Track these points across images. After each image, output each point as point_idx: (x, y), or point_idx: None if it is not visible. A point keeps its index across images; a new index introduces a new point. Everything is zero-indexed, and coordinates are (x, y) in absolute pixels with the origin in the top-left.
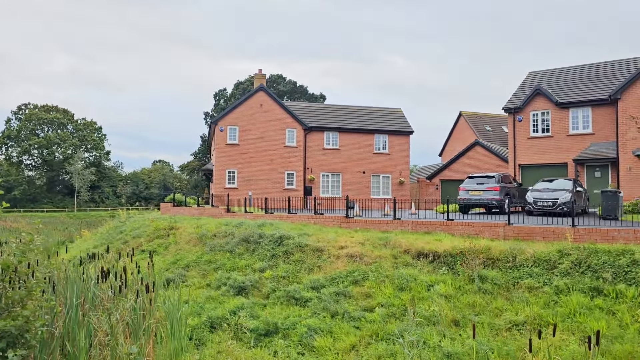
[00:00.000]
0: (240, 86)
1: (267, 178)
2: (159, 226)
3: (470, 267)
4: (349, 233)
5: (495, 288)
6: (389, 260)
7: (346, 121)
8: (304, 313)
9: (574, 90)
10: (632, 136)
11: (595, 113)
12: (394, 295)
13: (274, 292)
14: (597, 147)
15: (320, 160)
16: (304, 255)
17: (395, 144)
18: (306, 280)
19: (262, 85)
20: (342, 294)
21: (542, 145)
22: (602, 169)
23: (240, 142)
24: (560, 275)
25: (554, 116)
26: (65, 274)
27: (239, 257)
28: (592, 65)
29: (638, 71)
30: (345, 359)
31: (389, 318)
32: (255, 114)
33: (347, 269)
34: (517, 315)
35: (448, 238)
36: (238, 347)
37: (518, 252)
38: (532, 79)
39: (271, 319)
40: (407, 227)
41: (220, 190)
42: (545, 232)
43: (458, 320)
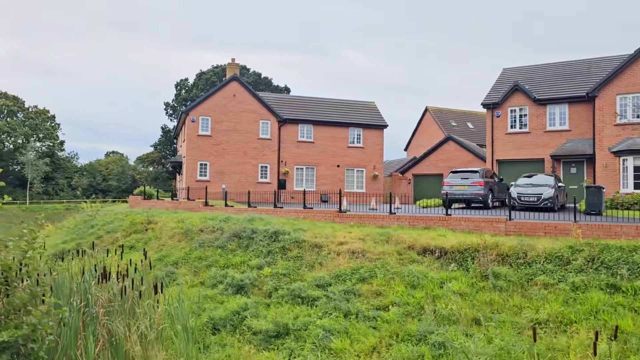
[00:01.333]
0: (203, 76)
1: (240, 171)
2: (135, 220)
3: (482, 263)
4: (345, 228)
5: (510, 285)
6: (394, 256)
7: (321, 114)
8: (313, 313)
9: (550, 87)
10: (608, 133)
11: (571, 110)
12: (407, 294)
13: (276, 291)
14: (574, 144)
15: (295, 153)
16: (302, 252)
17: (370, 138)
18: (309, 278)
19: (236, 75)
20: (351, 292)
21: (520, 141)
22: (577, 165)
23: (212, 134)
24: (575, 271)
25: (531, 112)
26: (54, 273)
27: (232, 253)
28: (568, 63)
29: (615, 70)
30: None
31: (405, 317)
32: (229, 105)
33: (351, 266)
34: (537, 314)
35: (451, 234)
36: (248, 350)
37: (528, 248)
38: (507, 75)
39: (281, 320)
40: (405, 222)
41: (192, 182)
42: (548, 227)
43: (478, 319)
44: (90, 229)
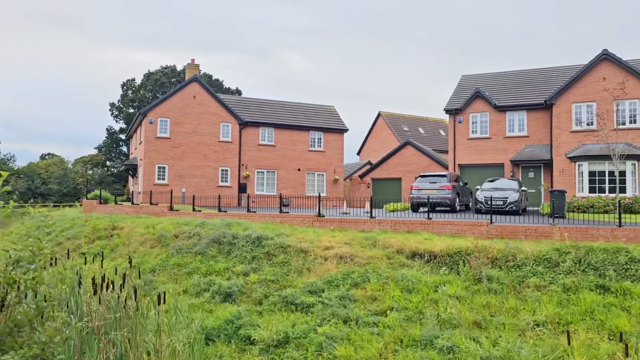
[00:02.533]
0: (152, 77)
1: (200, 174)
2: (97, 226)
3: (475, 267)
4: (328, 233)
5: (503, 288)
6: (383, 261)
7: (282, 117)
8: (310, 320)
9: (509, 94)
10: (564, 139)
11: (529, 117)
12: (404, 298)
13: (266, 298)
14: (532, 149)
15: (256, 156)
16: (288, 257)
17: (330, 142)
18: (300, 284)
19: (196, 76)
20: (346, 297)
21: (481, 146)
22: (535, 169)
23: (172, 136)
24: (564, 273)
25: (491, 119)
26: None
27: (213, 259)
28: (526, 71)
29: (571, 79)
30: None
31: (406, 322)
32: (188, 106)
33: (341, 271)
34: (534, 315)
35: (437, 238)
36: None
37: (516, 251)
38: (466, 82)
39: (281, 328)
40: (386, 226)
41: (150, 186)
42: (528, 230)
43: (479, 322)
44: (47, 235)
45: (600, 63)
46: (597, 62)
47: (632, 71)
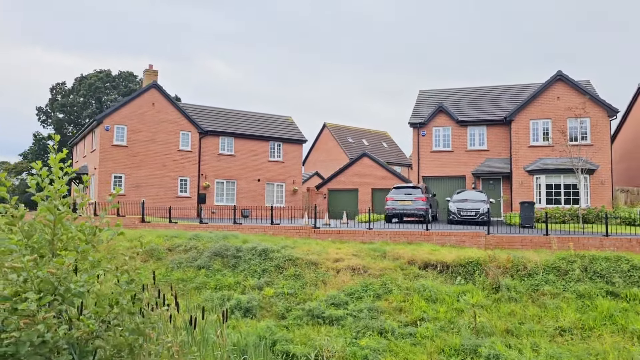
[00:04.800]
0: (85, 81)
1: (159, 184)
2: None
3: (491, 276)
4: (331, 245)
5: (521, 296)
6: (397, 272)
7: (241, 127)
8: (344, 333)
9: (469, 110)
10: (523, 154)
11: (489, 132)
12: (430, 308)
13: (289, 312)
14: (491, 162)
15: (215, 166)
16: (299, 270)
17: (289, 152)
18: (320, 296)
19: (155, 82)
20: (373, 309)
21: (444, 159)
22: (495, 181)
23: (129, 144)
24: (574, 281)
25: (454, 133)
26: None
27: (219, 273)
28: (484, 88)
29: (528, 97)
30: None
31: (440, 332)
32: (147, 114)
33: (358, 283)
34: (558, 322)
35: (445, 249)
36: None
37: (525, 261)
38: (424, 97)
39: (318, 343)
40: (386, 237)
41: (105, 197)
42: (524, 240)
43: (510, 330)
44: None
45: (555, 83)
46: (552, 82)
47: (583, 92)
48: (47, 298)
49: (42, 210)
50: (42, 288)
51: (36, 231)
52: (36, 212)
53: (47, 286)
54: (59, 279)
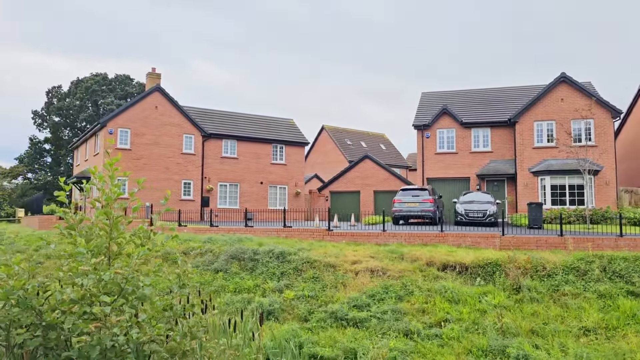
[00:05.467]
0: (82, 84)
1: (163, 187)
2: None
3: (512, 277)
4: (348, 247)
5: (543, 296)
6: (417, 274)
7: (244, 129)
8: (369, 335)
9: (473, 111)
10: (527, 155)
11: (493, 133)
12: (453, 309)
13: (311, 314)
14: (496, 164)
15: (218, 169)
16: (317, 272)
17: (292, 155)
18: (342, 299)
19: (159, 86)
20: (396, 311)
21: (448, 161)
22: (499, 183)
23: (132, 147)
24: (594, 281)
25: (458, 135)
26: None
27: (237, 276)
28: (488, 89)
29: (532, 99)
30: None
31: (466, 332)
32: (150, 117)
33: (378, 285)
34: (581, 321)
35: (461, 250)
36: None
37: (544, 262)
38: (427, 99)
39: (346, 345)
40: (400, 239)
41: None
42: (539, 241)
43: (535, 330)
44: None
45: (558, 85)
46: (556, 84)
47: (588, 93)
48: (119, 301)
49: (100, 214)
50: (108, 290)
51: (94, 236)
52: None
53: (114, 288)
54: (125, 279)
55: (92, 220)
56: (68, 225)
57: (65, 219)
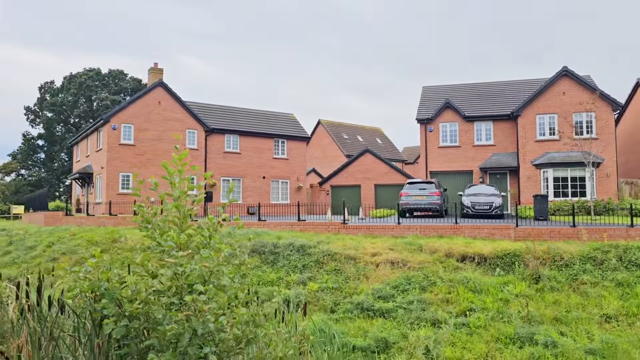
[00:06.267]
0: (75, 80)
1: (166, 183)
2: (93, 239)
3: (531, 267)
4: (365, 239)
5: (563, 285)
6: (437, 265)
7: (246, 124)
8: (398, 325)
9: (475, 105)
10: (530, 148)
11: (495, 127)
12: (477, 299)
13: (337, 306)
14: (499, 157)
15: (221, 164)
16: (338, 265)
17: (293, 149)
18: (366, 290)
19: (161, 81)
20: (421, 301)
21: (451, 154)
22: (502, 175)
23: (136, 143)
24: (610, 270)
25: (461, 128)
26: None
27: (259, 269)
28: (488, 83)
29: (534, 93)
30: None
31: (492, 321)
32: (153, 112)
33: (401, 276)
34: (602, 309)
35: (478, 241)
36: None
37: (561, 252)
38: (428, 93)
39: (379, 335)
40: (415, 231)
41: (113, 196)
42: (552, 232)
43: (559, 318)
44: (29, 250)
45: (560, 79)
46: (557, 77)
47: (589, 87)
48: (212, 290)
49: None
50: (192, 282)
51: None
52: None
53: (199, 280)
54: (211, 271)
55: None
56: (144, 219)
57: (141, 213)
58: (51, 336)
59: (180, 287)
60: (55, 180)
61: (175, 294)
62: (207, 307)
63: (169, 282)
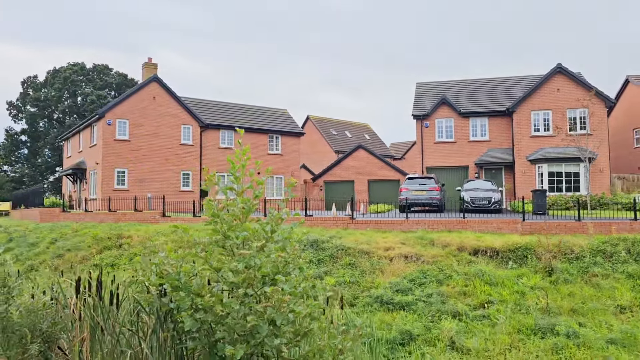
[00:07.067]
0: (60, 74)
1: (161, 179)
2: (97, 235)
3: (544, 260)
4: (376, 234)
5: (576, 278)
6: (450, 258)
7: (241, 120)
8: (419, 318)
9: (470, 101)
10: (525, 144)
11: (491, 123)
12: (494, 291)
13: (356, 299)
14: (494, 153)
15: (216, 160)
16: (353, 259)
17: (287, 145)
18: (383, 284)
19: (156, 76)
20: (439, 294)
21: (447, 150)
22: (497, 171)
23: (131, 138)
24: (620, 262)
25: (456, 124)
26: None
27: None
28: (483, 80)
29: (530, 89)
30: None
31: (512, 313)
32: (148, 107)
33: (416, 270)
34: (615, 301)
35: (487, 235)
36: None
37: (571, 245)
38: (422, 89)
39: (403, 327)
40: (424, 226)
41: (109, 192)
42: (559, 226)
43: (576, 309)
44: (32, 247)
45: (554, 75)
46: (552, 74)
47: (582, 84)
48: (295, 280)
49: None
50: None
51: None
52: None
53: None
54: (287, 262)
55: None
56: (213, 213)
57: (208, 207)
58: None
59: (252, 279)
60: (39, 176)
61: (249, 285)
62: (288, 297)
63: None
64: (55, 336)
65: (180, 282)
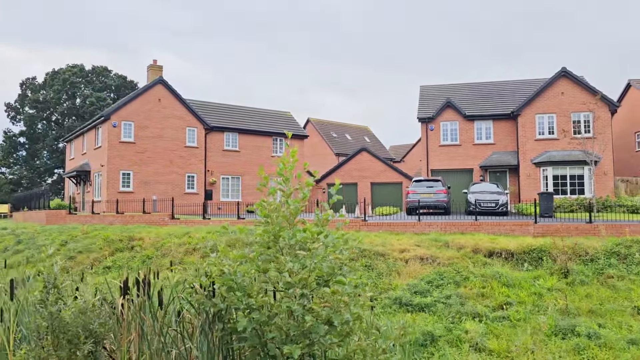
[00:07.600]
0: (59, 76)
1: (166, 181)
2: (108, 237)
3: (559, 262)
4: (390, 236)
5: (590, 279)
6: (466, 260)
7: (245, 122)
8: (440, 319)
9: (476, 105)
10: (529, 147)
11: (495, 126)
12: (512, 293)
13: (374, 301)
14: (499, 156)
15: (221, 162)
16: (369, 260)
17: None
18: (400, 285)
19: (162, 78)
20: (457, 296)
21: (451, 153)
22: (501, 174)
23: (136, 140)
24: (635, 264)
25: (461, 127)
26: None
27: None
28: (487, 83)
29: (534, 93)
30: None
31: (530, 314)
32: (153, 110)
33: (432, 272)
34: (632, 302)
35: (502, 237)
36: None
37: (586, 247)
38: (426, 92)
39: (425, 328)
40: (436, 228)
41: (114, 194)
42: (569, 228)
43: (594, 310)
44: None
45: (559, 79)
46: (556, 78)
47: (587, 87)
48: (355, 281)
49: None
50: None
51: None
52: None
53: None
54: (343, 263)
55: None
56: (265, 214)
57: (261, 208)
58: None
59: (306, 279)
60: (37, 178)
61: (304, 286)
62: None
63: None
64: (102, 336)
65: (236, 282)
